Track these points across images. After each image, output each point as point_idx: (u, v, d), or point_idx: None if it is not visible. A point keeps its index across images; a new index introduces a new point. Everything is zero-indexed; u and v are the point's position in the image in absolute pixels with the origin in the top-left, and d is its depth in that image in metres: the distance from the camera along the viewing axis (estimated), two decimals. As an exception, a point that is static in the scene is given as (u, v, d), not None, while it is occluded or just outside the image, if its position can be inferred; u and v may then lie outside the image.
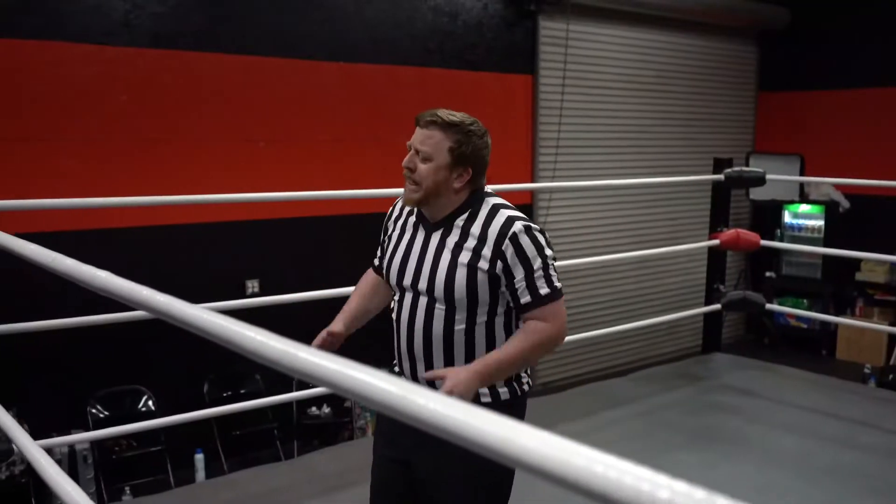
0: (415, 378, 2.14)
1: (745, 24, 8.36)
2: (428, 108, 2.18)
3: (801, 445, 3.82)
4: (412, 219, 2.19)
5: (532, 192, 6.84)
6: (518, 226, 2.02)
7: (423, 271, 2.09)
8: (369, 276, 2.41)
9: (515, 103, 6.84)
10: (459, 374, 1.92)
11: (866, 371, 7.13)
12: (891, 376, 6.81)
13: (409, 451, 2.10)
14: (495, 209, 2.08)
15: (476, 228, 2.05)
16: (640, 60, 7.70)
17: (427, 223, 2.14)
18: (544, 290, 2.02)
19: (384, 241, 2.29)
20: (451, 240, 2.07)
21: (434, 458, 2.04)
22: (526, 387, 2.19)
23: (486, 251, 2.02)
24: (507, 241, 2.01)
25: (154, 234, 5.06)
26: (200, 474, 5.21)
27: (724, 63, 8.50)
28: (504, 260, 2.01)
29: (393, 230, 2.25)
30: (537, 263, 2.02)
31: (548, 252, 2.04)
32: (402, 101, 6.05)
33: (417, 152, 2.08)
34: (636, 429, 4.01)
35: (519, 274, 2.01)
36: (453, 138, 2.05)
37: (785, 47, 8.57)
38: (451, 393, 1.86)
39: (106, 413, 5.01)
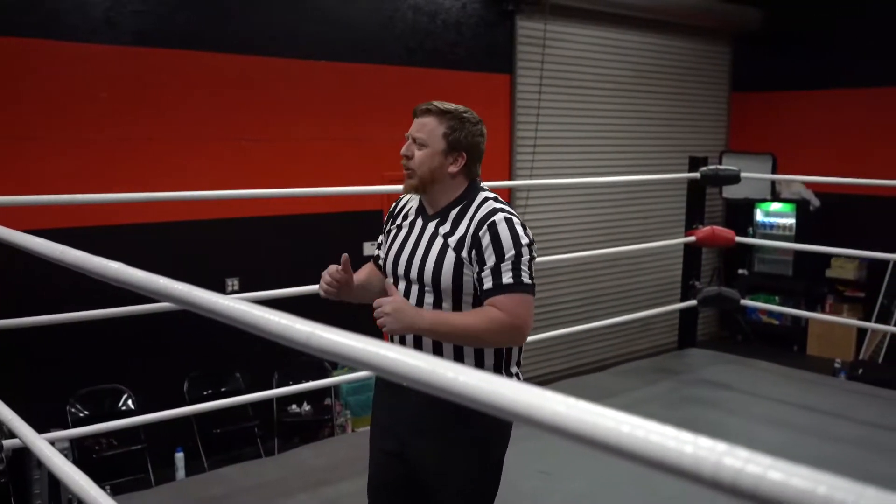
0: None
1: (718, 26, 8.49)
2: (410, 107, 2.21)
3: (778, 437, 3.91)
4: (413, 212, 2.22)
5: (510, 190, 6.90)
6: (499, 216, 2.03)
7: (414, 260, 2.11)
8: (369, 265, 2.43)
9: (494, 102, 6.90)
10: (404, 304, 1.97)
11: (836, 366, 7.28)
12: (860, 370, 6.95)
13: (404, 441, 2.13)
14: (484, 200, 2.10)
15: (465, 218, 2.07)
16: (617, 60, 7.79)
17: (426, 214, 2.16)
18: (507, 279, 1.98)
19: (385, 233, 2.30)
20: (443, 229, 2.10)
21: (428, 447, 2.07)
22: (515, 380, 2.18)
23: (468, 239, 2.04)
24: (484, 227, 2.02)
25: (134, 231, 5.05)
26: (181, 473, 5.20)
27: (699, 64, 8.63)
28: (479, 247, 2.02)
29: (394, 223, 2.27)
30: (510, 254, 1.99)
31: (524, 244, 2.01)
32: (384, 99, 6.08)
33: (414, 140, 2.12)
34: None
35: (490, 261, 2.00)
36: (447, 124, 2.09)
37: (757, 49, 8.72)
38: (385, 313, 1.93)
39: (86, 412, 5.00)
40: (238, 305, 0.94)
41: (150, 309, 3.26)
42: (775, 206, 8.37)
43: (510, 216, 2.04)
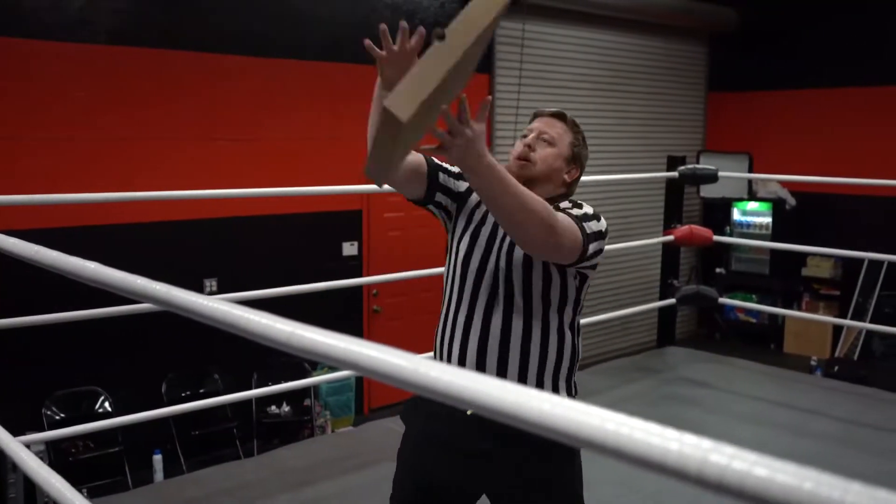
0: (462, 363, 1.96)
1: (695, 26, 8.55)
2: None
3: (757, 434, 3.94)
4: None
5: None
6: (567, 202, 1.97)
7: (492, 252, 1.95)
8: None
9: (473, 102, 6.87)
10: (482, 137, 1.72)
11: (812, 363, 7.35)
12: (836, 368, 7.03)
13: (462, 485, 1.99)
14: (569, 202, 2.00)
15: None
16: (595, 60, 7.82)
17: None
18: (575, 211, 1.89)
19: (458, 203, 2.07)
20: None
21: (502, 490, 1.95)
22: (572, 392, 2.05)
23: None
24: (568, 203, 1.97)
25: (110, 232, 5.00)
26: (159, 475, 5.16)
27: (676, 63, 8.68)
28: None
29: (465, 204, 2.07)
30: (578, 211, 1.90)
31: (592, 213, 1.92)
32: (361, 99, 6.05)
33: (540, 135, 2.02)
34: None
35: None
36: (574, 136, 2.06)
37: (733, 49, 8.79)
38: (462, 134, 1.67)
39: (62, 414, 4.94)
40: (218, 305, 0.93)
41: (127, 310, 3.22)
42: (752, 206, 8.44)
43: (583, 203, 1.98)
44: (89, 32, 4.90)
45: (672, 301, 5.11)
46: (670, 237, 4.97)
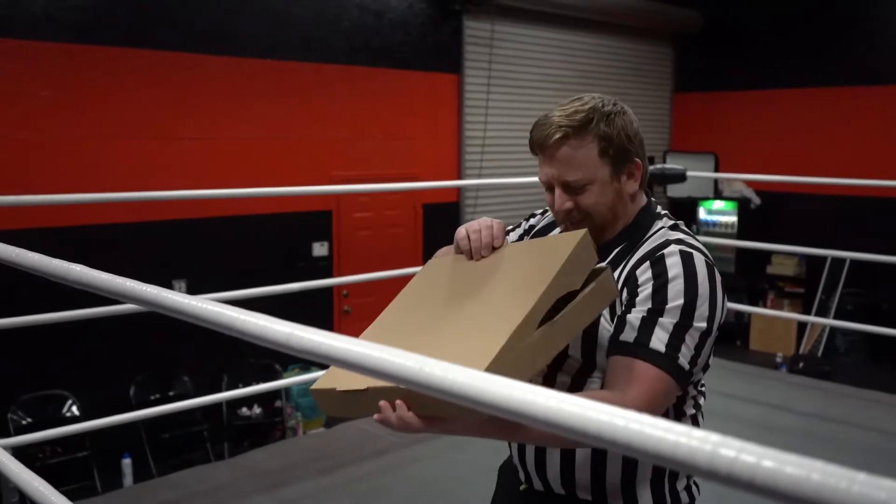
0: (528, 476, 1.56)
1: (660, 27, 8.65)
2: (358, 107, 1.84)
3: (725, 429, 3.95)
4: None
5: (458, 191, 6.94)
6: (672, 247, 1.37)
7: None
8: None
9: (442, 102, 6.92)
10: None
11: (778, 360, 7.48)
12: (801, 364, 7.15)
13: None
14: (658, 231, 1.46)
15: (629, 259, 1.42)
16: (563, 60, 7.88)
17: None
18: (655, 341, 1.29)
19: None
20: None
21: None
22: (684, 495, 1.49)
23: (622, 281, 1.39)
24: (647, 262, 1.37)
25: (76, 234, 4.93)
26: (128, 479, 5.11)
27: (642, 64, 8.78)
28: (634, 284, 1.36)
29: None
30: (676, 303, 1.30)
31: (703, 304, 1.31)
32: (329, 98, 6.05)
33: (566, 186, 1.44)
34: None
35: (641, 304, 1.32)
36: (597, 137, 1.42)
37: (699, 50, 8.90)
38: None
39: (28, 419, 4.87)
40: (212, 307, 0.93)
41: (94, 313, 3.18)
42: (718, 205, 8.56)
43: (692, 251, 1.37)
44: (52, 30, 4.83)
45: (641, 299, 5.16)
46: (639, 236, 5.02)
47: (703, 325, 1.31)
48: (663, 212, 1.54)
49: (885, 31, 7.75)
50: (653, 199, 1.56)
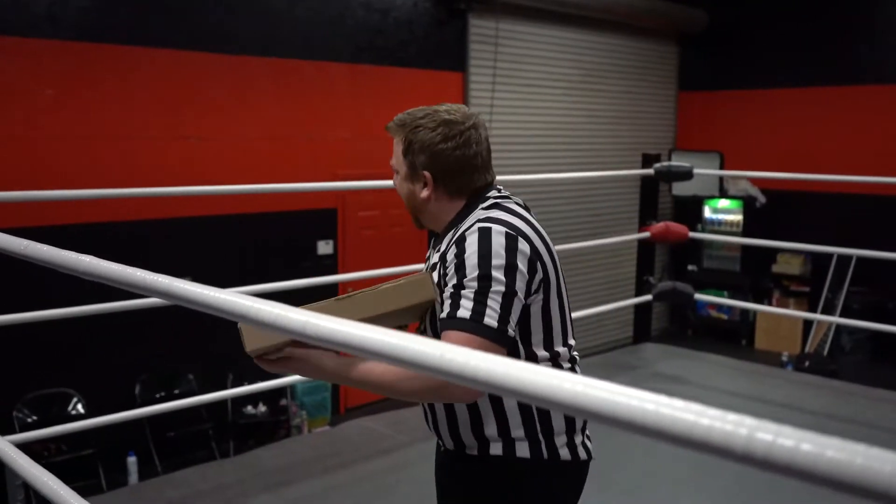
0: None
1: (665, 26, 8.63)
2: (363, 105, 2.02)
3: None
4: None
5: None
6: (476, 225, 1.55)
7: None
8: None
9: (447, 100, 6.87)
10: (309, 354, 1.55)
11: (784, 359, 7.46)
12: (807, 363, 7.13)
13: None
14: (473, 218, 1.61)
15: (449, 244, 1.60)
16: (568, 59, 7.86)
17: (433, 247, 1.76)
18: (462, 309, 1.47)
19: None
20: (434, 259, 1.67)
21: None
22: (564, 450, 1.65)
23: (439, 265, 1.60)
24: (453, 244, 1.56)
25: (79, 231, 4.92)
26: (133, 477, 5.10)
27: (647, 63, 8.76)
28: (444, 267, 1.55)
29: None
30: (473, 274, 1.48)
31: (497, 263, 1.49)
32: (335, 97, 6.04)
33: (393, 167, 1.73)
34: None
35: (452, 280, 1.51)
36: (403, 141, 1.67)
37: (704, 49, 8.88)
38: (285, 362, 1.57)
39: (34, 417, 4.86)
40: (227, 296, 0.91)
41: (99, 309, 3.17)
42: (723, 203, 8.54)
43: (490, 224, 1.54)
44: (55, 28, 4.82)
45: (648, 298, 5.14)
46: (646, 234, 5.00)
47: (502, 288, 1.48)
48: (492, 201, 1.66)
49: (890, 30, 7.73)
50: (491, 195, 1.68)
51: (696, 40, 8.90)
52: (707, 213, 8.62)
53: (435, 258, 1.66)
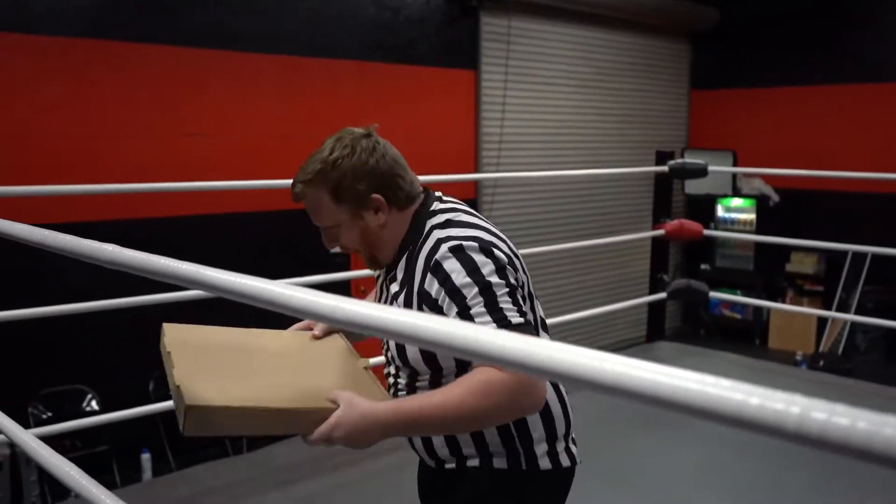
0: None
1: (676, 24, 8.59)
2: (373, 103, 1.99)
3: (747, 426, 3.95)
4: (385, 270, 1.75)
5: (476, 187, 6.91)
6: (443, 249, 1.51)
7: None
8: None
9: (458, 98, 6.89)
10: (349, 416, 1.41)
11: (798, 358, 7.41)
12: (821, 362, 7.09)
13: None
14: (429, 233, 1.59)
15: (413, 267, 1.59)
16: (580, 57, 7.85)
17: (385, 272, 1.72)
18: (485, 319, 1.45)
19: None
20: (394, 287, 1.64)
21: None
22: (545, 459, 1.65)
23: (415, 296, 1.56)
24: (429, 274, 1.53)
25: (80, 230, 4.90)
26: (147, 474, 5.11)
27: (659, 61, 8.73)
28: (433, 300, 1.52)
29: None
30: (472, 292, 1.46)
31: (491, 270, 1.48)
32: (344, 95, 6.03)
33: (323, 229, 1.67)
34: (595, 415, 4.08)
35: (451, 311, 1.48)
36: (328, 188, 1.59)
37: (716, 46, 8.84)
38: (327, 439, 1.42)
39: (48, 413, 4.87)
40: (256, 283, 0.91)
41: (115, 304, 3.18)
42: (736, 202, 8.49)
43: (458, 242, 1.52)
44: (56, 25, 4.81)
45: (662, 296, 5.13)
46: (661, 231, 4.99)
47: (505, 288, 1.48)
48: (436, 207, 1.64)
49: (906, 27, 7.68)
50: (432, 195, 1.68)
51: (708, 38, 8.86)
52: (720, 211, 8.58)
53: (395, 287, 1.63)
